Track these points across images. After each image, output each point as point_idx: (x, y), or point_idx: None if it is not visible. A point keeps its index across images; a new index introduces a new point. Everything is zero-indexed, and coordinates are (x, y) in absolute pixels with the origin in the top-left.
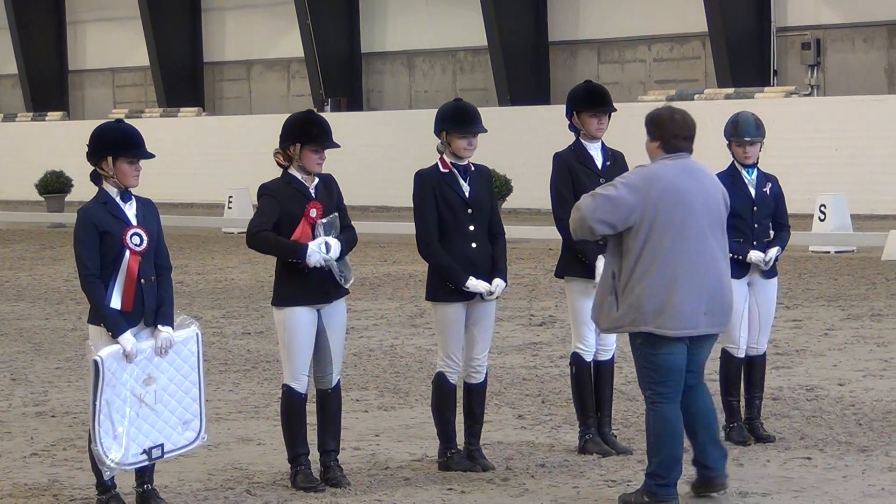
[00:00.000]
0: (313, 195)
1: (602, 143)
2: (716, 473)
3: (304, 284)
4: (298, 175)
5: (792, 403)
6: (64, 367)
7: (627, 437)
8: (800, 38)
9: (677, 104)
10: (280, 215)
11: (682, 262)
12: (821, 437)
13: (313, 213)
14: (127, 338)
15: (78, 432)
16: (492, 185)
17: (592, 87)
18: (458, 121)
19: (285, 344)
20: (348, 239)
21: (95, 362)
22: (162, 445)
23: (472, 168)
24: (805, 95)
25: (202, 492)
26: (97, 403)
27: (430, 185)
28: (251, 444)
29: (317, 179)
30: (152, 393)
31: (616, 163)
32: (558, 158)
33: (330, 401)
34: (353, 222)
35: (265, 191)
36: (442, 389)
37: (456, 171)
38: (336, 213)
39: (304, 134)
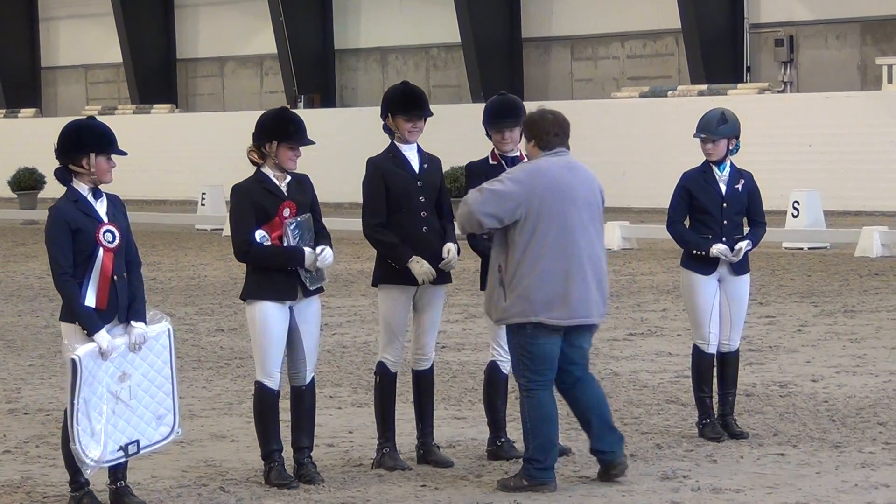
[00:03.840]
0: (286, 194)
1: (417, 145)
2: (614, 456)
3: (274, 281)
4: (271, 173)
5: (765, 400)
6: (37, 365)
7: None
8: (773, 35)
9: (651, 101)
10: (255, 216)
11: (570, 253)
12: (794, 434)
13: (286, 212)
14: (103, 336)
15: (51, 429)
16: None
17: (408, 89)
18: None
19: (257, 340)
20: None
21: (73, 361)
22: (137, 441)
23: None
24: (778, 92)
25: (175, 489)
26: (75, 402)
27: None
28: (224, 441)
29: (289, 177)
30: (127, 389)
31: (432, 165)
32: (371, 164)
33: (304, 398)
34: (326, 218)
35: (236, 193)
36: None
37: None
38: (309, 214)
39: (281, 132)
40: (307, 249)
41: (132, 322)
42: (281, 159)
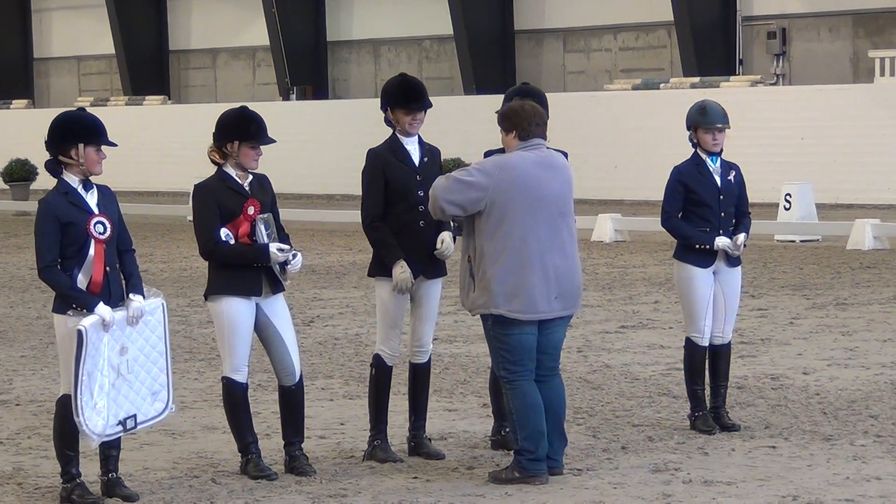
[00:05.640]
0: (248, 192)
1: (419, 137)
2: (555, 464)
3: (239, 276)
4: (233, 172)
5: (757, 392)
6: (29, 356)
7: (593, 426)
8: (765, 28)
9: (643, 93)
10: (219, 214)
11: (532, 247)
12: (786, 426)
13: (251, 210)
14: (103, 308)
15: (43, 421)
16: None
17: (406, 82)
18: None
19: (225, 335)
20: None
21: (80, 332)
22: (135, 416)
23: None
24: (770, 84)
25: (167, 480)
26: (80, 375)
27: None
28: (216, 433)
29: (251, 177)
30: (125, 363)
31: (432, 158)
32: (372, 155)
33: (295, 396)
34: (318, 210)
35: (199, 193)
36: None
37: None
38: (270, 213)
39: (242, 131)
40: (272, 247)
41: (130, 295)
42: (243, 159)
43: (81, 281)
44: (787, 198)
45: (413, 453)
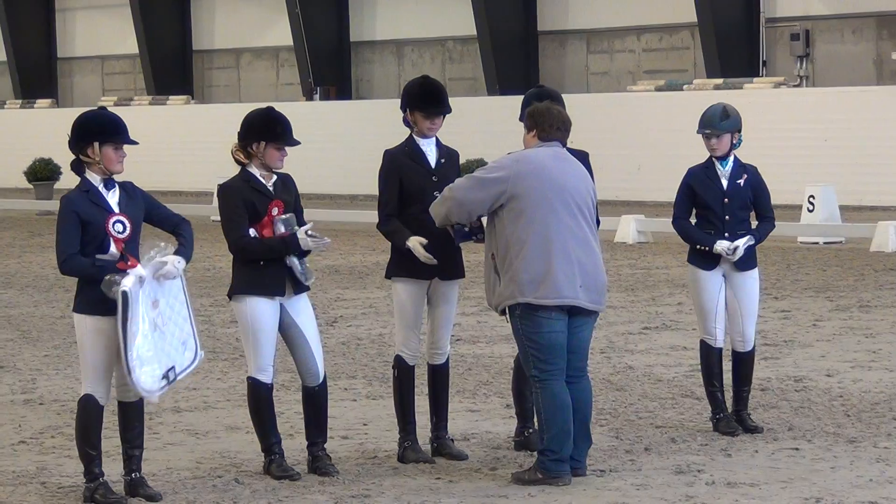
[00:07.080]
0: (273, 193)
1: (437, 139)
2: (578, 465)
3: (263, 276)
4: (257, 172)
5: (780, 394)
6: (52, 355)
7: (616, 427)
8: (789, 29)
9: (666, 94)
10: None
11: (555, 234)
12: (809, 428)
13: (275, 211)
14: (136, 268)
15: (66, 420)
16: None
17: (428, 84)
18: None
19: (250, 335)
20: None
21: (124, 293)
22: (174, 367)
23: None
24: (794, 86)
25: (190, 480)
26: (127, 336)
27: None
28: (239, 433)
29: (275, 177)
30: (160, 316)
31: (450, 160)
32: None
33: (318, 397)
34: (341, 210)
35: (225, 192)
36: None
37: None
38: (293, 213)
39: (269, 132)
40: (300, 231)
41: (172, 254)
42: (268, 159)
43: None
44: (811, 199)
45: (436, 454)
